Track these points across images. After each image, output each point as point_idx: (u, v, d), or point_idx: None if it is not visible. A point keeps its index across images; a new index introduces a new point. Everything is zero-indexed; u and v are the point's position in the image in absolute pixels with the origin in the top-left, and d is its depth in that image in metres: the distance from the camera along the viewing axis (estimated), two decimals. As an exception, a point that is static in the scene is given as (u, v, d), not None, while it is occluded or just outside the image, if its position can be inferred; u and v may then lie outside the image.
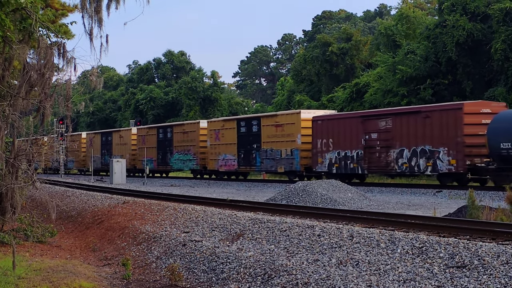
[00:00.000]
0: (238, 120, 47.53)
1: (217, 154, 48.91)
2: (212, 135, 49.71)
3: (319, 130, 39.41)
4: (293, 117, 41.76)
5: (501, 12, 41.85)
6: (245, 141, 45.97)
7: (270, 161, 43.27)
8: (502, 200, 23.54)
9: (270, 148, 43.26)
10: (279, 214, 20.92)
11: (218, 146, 48.88)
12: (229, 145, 47.59)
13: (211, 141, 49.74)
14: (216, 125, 49.86)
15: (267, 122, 43.89)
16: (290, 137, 41.52)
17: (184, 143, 53.82)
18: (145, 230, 20.09)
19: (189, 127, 53.95)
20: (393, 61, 49.61)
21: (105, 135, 67.62)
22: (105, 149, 66.39)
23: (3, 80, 17.11)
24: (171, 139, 55.65)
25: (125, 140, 63.04)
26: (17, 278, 14.14)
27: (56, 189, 36.12)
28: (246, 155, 45.81)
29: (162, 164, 57.18)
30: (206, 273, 14.81)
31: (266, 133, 43.65)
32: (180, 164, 54.45)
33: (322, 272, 12.57)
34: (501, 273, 10.83)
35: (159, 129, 58.42)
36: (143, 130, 61.29)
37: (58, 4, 25.04)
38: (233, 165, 47.30)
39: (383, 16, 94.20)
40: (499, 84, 42.39)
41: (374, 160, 35.81)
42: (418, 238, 13.26)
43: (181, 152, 54.12)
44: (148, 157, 56.65)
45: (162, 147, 56.85)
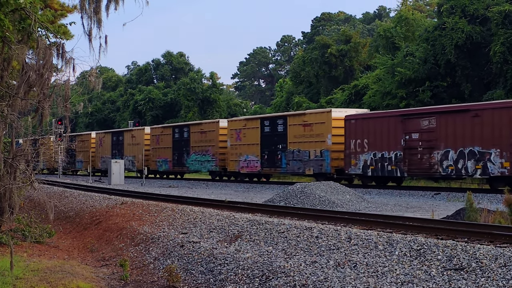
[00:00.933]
0: (261, 119, 45.15)
1: (238, 155, 46.63)
2: (233, 135, 47.26)
3: (352, 129, 37.20)
4: (323, 116, 39.59)
5: (500, 14, 41.88)
6: (269, 142, 43.66)
7: (297, 162, 41.10)
8: (500, 202, 23.55)
9: (297, 148, 41.04)
10: (277, 216, 20.91)
11: (239, 147, 46.57)
12: (251, 145, 45.34)
13: (232, 141, 47.36)
14: (237, 125, 47.38)
15: (294, 121, 41.54)
16: (319, 137, 39.33)
17: (202, 143, 51.25)
18: (143, 231, 20.09)
19: (207, 126, 51.35)
20: (392, 63, 49.62)
21: (116, 134, 64.97)
22: (116, 149, 63.93)
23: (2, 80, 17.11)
24: (188, 139, 53.03)
25: (138, 140, 60.41)
26: (15, 278, 14.14)
27: (54, 190, 36.10)
28: (271, 156, 43.59)
29: (178, 165, 54.51)
30: (204, 274, 14.81)
31: (292, 133, 41.42)
32: (197, 165, 52.04)
33: (320, 274, 12.58)
34: (499, 275, 10.84)
35: (174, 128, 55.62)
36: (157, 129, 58.75)
37: (57, 4, 25.05)
38: (256, 167, 44.99)
39: (382, 18, 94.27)
40: (498, 87, 42.42)
41: (415, 162, 33.61)
42: (416, 240, 13.27)
43: (199, 153, 51.59)
44: (162, 157, 55.36)
45: (178, 147, 54.22)
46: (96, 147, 67.66)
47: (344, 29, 71.49)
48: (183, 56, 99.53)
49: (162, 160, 55.69)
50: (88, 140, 69.49)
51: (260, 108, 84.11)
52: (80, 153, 69.59)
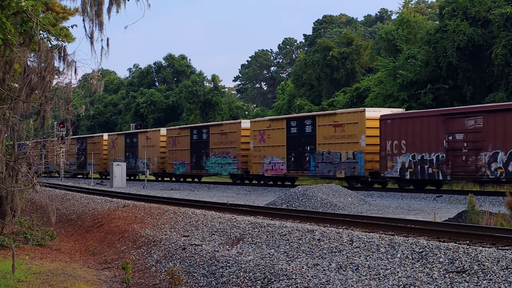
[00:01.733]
0: (288, 120, 43.21)
1: (262, 157, 44.58)
2: (256, 136, 45.31)
3: (388, 130, 35.12)
4: (356, 116, 37.54)
5: (502, 17, 41.87)
6: (296, 143, 41.64)
7: (327, 165, 39.07)
8: (502, 205, 23.52)
9: (327, 150, 39.08)
10: (279, 218, 20.92)
11: (263, 149, 44.54)
12: (276, 147, 43.31)
13: (255, 142, 45.39)
14: (261, 125, 45.33)
15: (323, 121, 39.52)
16: (352, 138, 37.40)
17: (222, 145, 49.05)
18: (145, 234, 20.09)
19: (228, 127, 49.24)
20: (394, 66, 49.61)
21: (130, 136, 63.10)
22: (130, 152, 62.05)
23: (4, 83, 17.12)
24: (207, 140, 50.92)
25: (153, 142, 58.63)
26: (17, 281, 14.14)
27: (56, 193, 36.11)
28: (298, 159, 41.58)
29: (196, 168, 52.41)
30: (205, 277, 14.81)
31: (322, 134, 39.40)
32: (217, 168, 49.74)
33: (322, 276, 12.57)
34: (501, 278, 10.83)
35: (192, 129, 53.61)
36: (174, 131, 56.69)
37: (59, 7, 25.08)
38: (281, 170, 43.00)
39: (384, 20, 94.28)
40: (499, 89, 42.41)
41: (459, 165, 31.47)
42: (418, 243, 13.27)
43: (219, 155, 49.40)
44: (179, 160, 53.87)
45: (197, 149, 52.19)
46: (109, 149, 66.34)
47: (345, 31, 71.48)
48: (185, 59, 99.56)
49: (179, 162, 54.19)
50: (100, 142, 68.13)
51: (261, 110, 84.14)
52: (91, 156, 67.63)
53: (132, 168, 60.24)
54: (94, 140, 69.77)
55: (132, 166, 60.25)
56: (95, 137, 70.70)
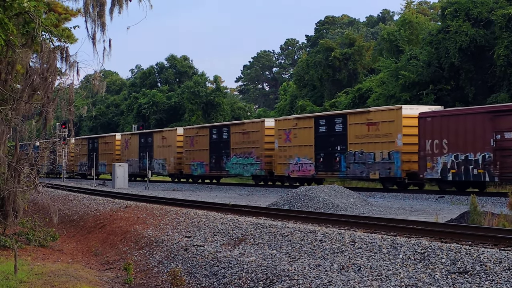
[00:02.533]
0: (316, 118, 41.00)
1: (288, 157, 42.46)
2: (281, 135, 43.16)
3: (428, 128, 33.00)
4: (392, 114, 35.47)
5: (504, 18, 41.84)
6: (325, 143, 39.64)
7: (360, 165, 37.14)
8: (505, 206, 23.54)
9: (359, 150, 37.08)
10: (281, 219, 20.93)
11: (289, 148, 42.39)
12: (303, 147, 41.15)
13: (280, 142, 43.23)
14: (286, 124, 43.13)
15: (355, 120, 37.62)
16: (387, 137, 35.40)
17: (244, 145, 46.67)
18: (147, 235, 20.09)
19: (250, 126, 46.88)
20: (396, 67, 49.60)
21: (144, 136, 60.72)
22: (144, 152, 59.11)
23: (6, 84, 17.13)
24: (228, 140, 48.51)
25: (169, 142, 56.28)
26: (19, 282, 14.15)
27: (58, 193, 36.13)
28: (327, 159, 39.55)
29: (215, 168, 50.08)
30: (207, 278, 14.81)
31: (354, 133, 37.45)
32: (238, 169, 47.31)
33: (324, 277, 12.57)
34: (503, 279, 10.82)
35: (212, 129, 51.19)
36: (192, 130, 54.23)
37: (61, 8, 25.10)
38: (309, 170, 40.83)
39: (386, 21, 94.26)
40: (502, 90, 42.38)
41: (509, 165, 29.45)
42: (420, 243, 13.26)
43: (240, 155, 46.97)
44: (197, 160, 51.66)
45: (216, 149, 49.84)
46: (122, 150, 64.18)
47: (348, 32, 71.49)
48: (187, 60, 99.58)
49: (197, 163, 52.03)
50: (113, 142, 66.02)
51: (264, 111, 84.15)
52: (103, 156, 66.26)
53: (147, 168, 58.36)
54: (106, 140, 67.81)
55: (146, 167, 58.46)
56: (107, 137, 68.63)
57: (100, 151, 66.86)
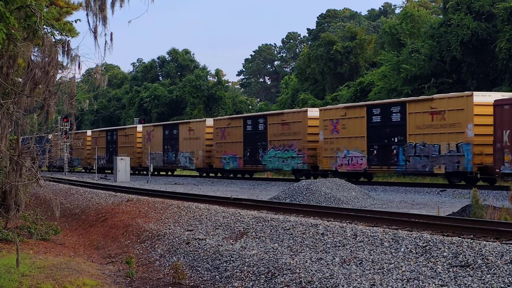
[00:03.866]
0: (368, 107, 37.51)
1: (335, 150, 39.08)
2: (328, 126, 39.69)
3: (506, 117, 29.33)
4: (461, 102, 32.20)
5: (506, 11, 41.80)
6: (379, 134, 36.31)
7: (422, 159, 33.65)
8: (506, 199, 23.52)
9: (421, 142, 33.65)
10: (283, 213, 20.93)
11: (336, 140, 39.01)
12: (354, 138, 37.88)
13: (326, 133, 39.77)
14: (333, 114, 39.70)
15: (416, 108, 34.24)
16: (454, 128, 32.14)
17: (284, 137, 43.29)
18: (149, 228, 20.10)
19: (291, 116, 43.40)
20: (398, 60, 49.61)
21: (169, 128, 57.15)
22: (169, 145, 56.15)
23: (8, 77, 17.12)
24: (265, 131, 45.12)
25: (197, 134, 52.83)
26: (21, 275, 14.17)
27: (60, 187, 36.16)
28: (382, 152, 36.21)
29: (251, 162, 46.63)
30: (209, 271, 14.82)
31: (414, 123, 34.14)
32: (277, 163, 43.83)
33: (326, 270, 12.57)
34: (505, 272, 10.82)
35: (246, 119, 47.69)
36: (223, 121, 50.80)
37: (62, 2, 25.10)
38: (360, 164, 37.47)
39: (388, 15, 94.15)
40: (503, 83, 42.35)
41: None
42: (421, 237, 13.26)
43: (279, 148, 43.54)
44: (230, 153, 48.54)
45: (251, 141, 46.40)
46: (143, 142, 60.48)
47: (349, 26, 71.41)
48: (188, 53, 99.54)
49: (229, 156, 48.82)
50: (133, 134, 62.59)
51: (265, 105, 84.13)
52: (123, 149, 62.73)
53: (172, 162, 55.91)
54: (126, 132, 64.51)
55: (172, 160, 55.81)
56: (127, 129, 65.39)
57: (119, 144, 64.27)
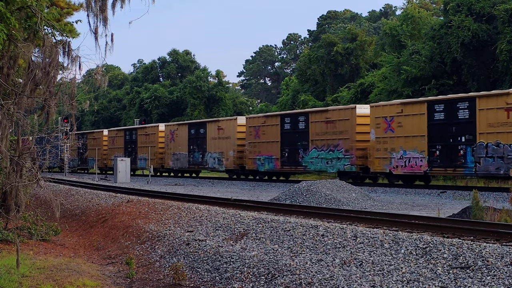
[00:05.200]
0: (430, 103, 33.97)
1: (389, 150, 35.60)
2: (380, 124, 36.23)
3: None
4: None
5: (507, 13, 41.80)
6: (442, 132, 33.05)
7: (495, 161, 30.39)
8: (507, 201, 23.53)
9: (494, 141, 30.30)
10: (283, 214, 20.93)
11: (390, 140, 35.53)
12: (411, 137, 34.41)
13: (378, 132, 36.24)
14: (387, 111, 36.14)
15: (487, 104, 30.95)
16: None
17: (328, 136, 39.76)
18: (149, 229, 20.10)
19: (337, 114, 39.70)
20: (398, 62, 49.60)
21: (195, 127, 53.51)
22: (195, 145, 52.71)
23: (8, 78, 17.13)
24: (306, 130, 41.58)
25: (227, 133, 49.11)
26: (21, 276, 14.17)
27: (60, 188, 36.15)
28: (446, 152, 32.95)
29: (289, 163, 43.12)
30: (209, 273, 14.82)
31: (485, 120, 30.90)
32: (320, 164, 40.36)
33: (326, 272, 12.57)
34: (505, 274, 10.82)
35: (284, 117, 44.08)
36: (257, 119, 46.80)
37: (63, 2, 25.11)
38: (420, 166, 33.95)
39: (388, 16, 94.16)
40: (504, 85, 42.33)
41: None
42: (422, 238, 13.26)
43: (322, 148, 40.09)
44: (264, 154, 44.95)
45: (290, 141, 42.86)
46: (166, 142, 57.06)
47: (350, 27, 71.43)
48: (189, 54, 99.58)
49: (264, 157, 45.13)
50: (155, 133, 59.21)
51: (266, 106, 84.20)
52: (143, 149, 59.87)
53: (198, 163, 52.56)
54: (146, 131, 61.00)
55: (198, 161, 52.43)
56: (148, 128, 61.69)
57: (139, 144, 61.09)
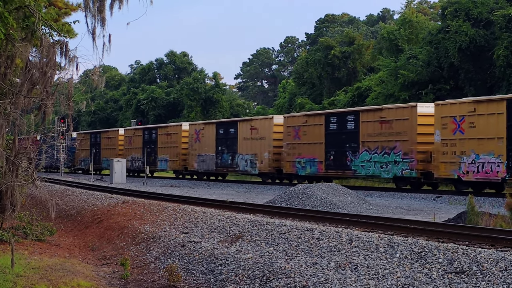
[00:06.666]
0: (509, 101, 29.38)
1: (458, 154, 31.20)
2: (447, 124, 31.81)
3: None
4: None
5: (504, 18, 41.84)
6: None
7: None
8: (502, 206, 23.55)
9: None
10: (278, 217, 20.92)
11: (460, 142, 31.20)
12: (486, 140, 30.19)
13: (445, 134, 31.92)
14: (456, 110, 31.66)
15: None
16: None
17: (383, 137, 35.62)
18: (144, 230, 20.10)
19: (393, 113, 35.46)
20: (395, 66, 49.60)
21: (224, 126, 49.52)
22: (224, 145, 48.73)
23: (5, 78, 17.10)
24: (356, 131, 37.48)
25: (262, 133, 44.84)
26: (16, 276, 14.16)
27: (56, 188, 36.11)
28: None
29: (335, 167, 38.99)
30: (204, 274, 14.81)
31: None
32: (372, 168, 36.28)
33: (321, 275, 12.57)
34: (500, 279, 10.83)
35: (329, 117, 39.83)
36: (297, 118, 42.64)
37: (61, 2, 25.09)
38: (496, 172, 29.54)
39: (386, 20, 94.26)
40: (501, 90, 42.37)
41: None
42: (417, 243, 13.27)
43: (376, 151, 36.04)
44: (306, 156, 41.00)
45: (336, 142, 38.68)
46: (190, 143, 52.97)
47: (347, 31, 71.45)
48: (186, 56, 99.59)
49: (305, 160, 41.05)
50: (178, 133, 55.38)
51: (262, 108, 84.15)
52: (164, 150, 56.64)
53: (227, 166, 48.64)
54: (168, 131, 57.27)
55: (227, 163, 48.44)
56: (170, 127, 58.11)
57: (159, 144, 57.47)
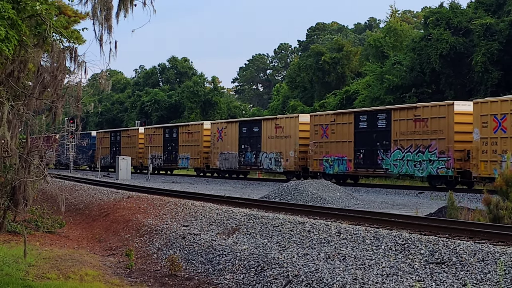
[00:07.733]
0: None
1: (500, 153, 28.08)
2: (487, 122, 28.74)
3: None
4: None
5: (482, 27, 41.89)
6: None
7: None
8: (480, 202, 23.57)
9: None
10: (272, 211, 20.90)
11: (501, 141, 28.18)
12: None
13: (485, 132, 28.85)
14: (497, 108, 28.47)
15: None
16: None
17: (417, 136, 32.65)
18: (148, 223, 20.08)
19: (428, 111, 32.35)
20: (381, 71, 49.63)
21: (247, 125, 46.09)
22: (247, 144, 45.30)
23: (19, 81, 17.07)
24: (387, 129, 34.42)
25: (287, 132, 41.62)
26: (28, 265, 14.15)
27: (65, 184, 36.05)
28: None
29: (365, 166, 36.11)
30: (203, 264, 14.81)
31: None
32: (405, 167, 33.28)
33: (311, 265, 12.57)
34: (477, 269, 10.85)
35: (358, 115, 36.81)
36: (325, 117, 39.42)
37: (71, 11, 25.04)
38: None
39: (373, 28, 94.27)
40: (479, 94, 42.40)
41: None
42: (401, 235, 13.28)
43: (409, 149, 33.11)
44: (334, 155, 38.00)
45: (366, 141, 35.82)
46: (212, 141, 49.55)
47: (337, 38, 71.49)
48: (187, 61, 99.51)
49: (333, 158, 38.10)
50: (199, 132, 51.95)
51: (258, 110, 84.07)
52: (185, 148, 53.54)
53: (251, 164, 45.18)
54: (189, 130, 53.73)
55: (251, 162, 45.06)
56: (191, 126, 54.23)
57: (180, 143, 54.17)
